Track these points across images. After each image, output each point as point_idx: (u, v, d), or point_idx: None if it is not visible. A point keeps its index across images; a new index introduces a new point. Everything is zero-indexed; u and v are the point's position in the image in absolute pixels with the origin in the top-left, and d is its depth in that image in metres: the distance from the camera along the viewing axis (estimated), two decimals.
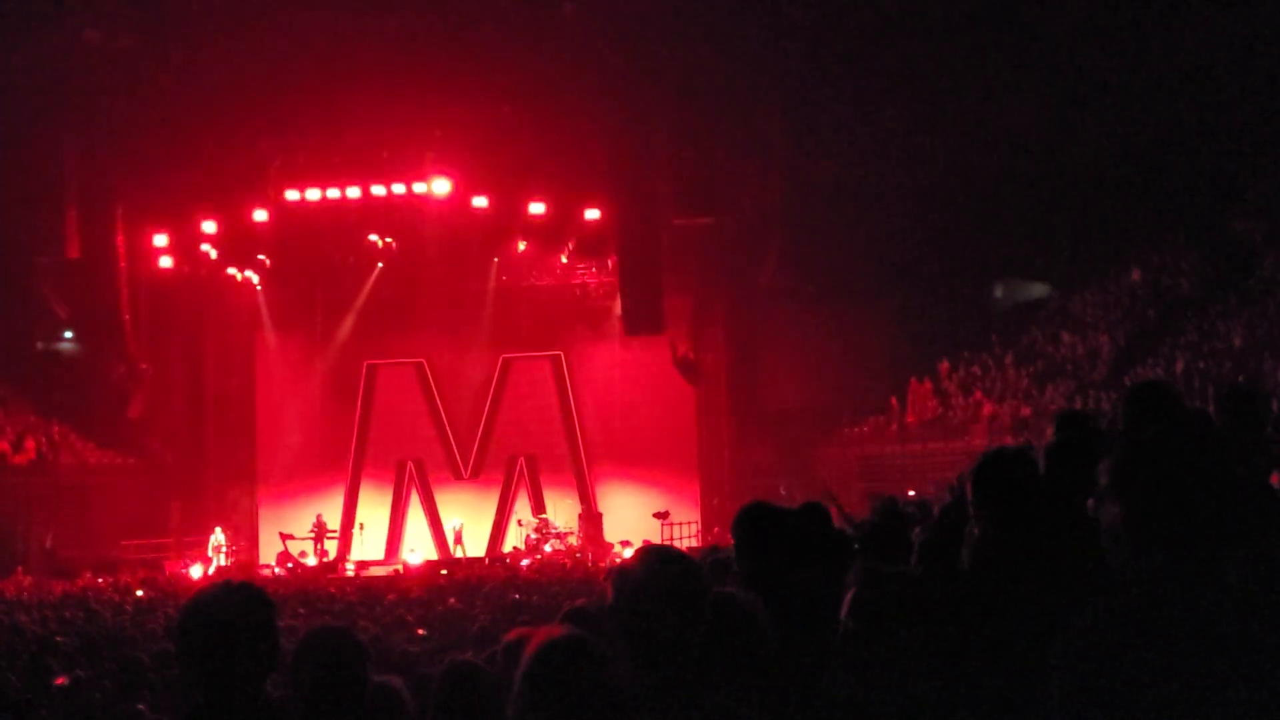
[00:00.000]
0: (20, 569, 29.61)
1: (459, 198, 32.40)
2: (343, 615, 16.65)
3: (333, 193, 32.57)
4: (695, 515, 33.51)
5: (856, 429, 33.75)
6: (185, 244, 33.19)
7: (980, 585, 4.51)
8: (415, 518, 35.85)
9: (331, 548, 33.75)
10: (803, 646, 4.57)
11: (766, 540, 5.43)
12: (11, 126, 31.16)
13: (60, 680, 10.69)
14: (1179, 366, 27.67)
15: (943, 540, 6.03)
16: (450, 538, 34.19)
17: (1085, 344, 31.93)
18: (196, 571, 30.67)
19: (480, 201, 32.38)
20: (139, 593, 24.22)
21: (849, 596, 4.38)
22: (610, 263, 33.54)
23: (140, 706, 9.40)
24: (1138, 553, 2.98)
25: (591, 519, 33.70)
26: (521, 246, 33.94)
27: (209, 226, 32.70)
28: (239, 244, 33.57)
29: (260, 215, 32.52)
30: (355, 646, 4.46)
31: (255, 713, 3.87)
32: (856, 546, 7.22)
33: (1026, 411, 30.32)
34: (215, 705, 3.85)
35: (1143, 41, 29.56)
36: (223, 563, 32.43)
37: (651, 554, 3.90)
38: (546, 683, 3.36)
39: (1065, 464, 5.46)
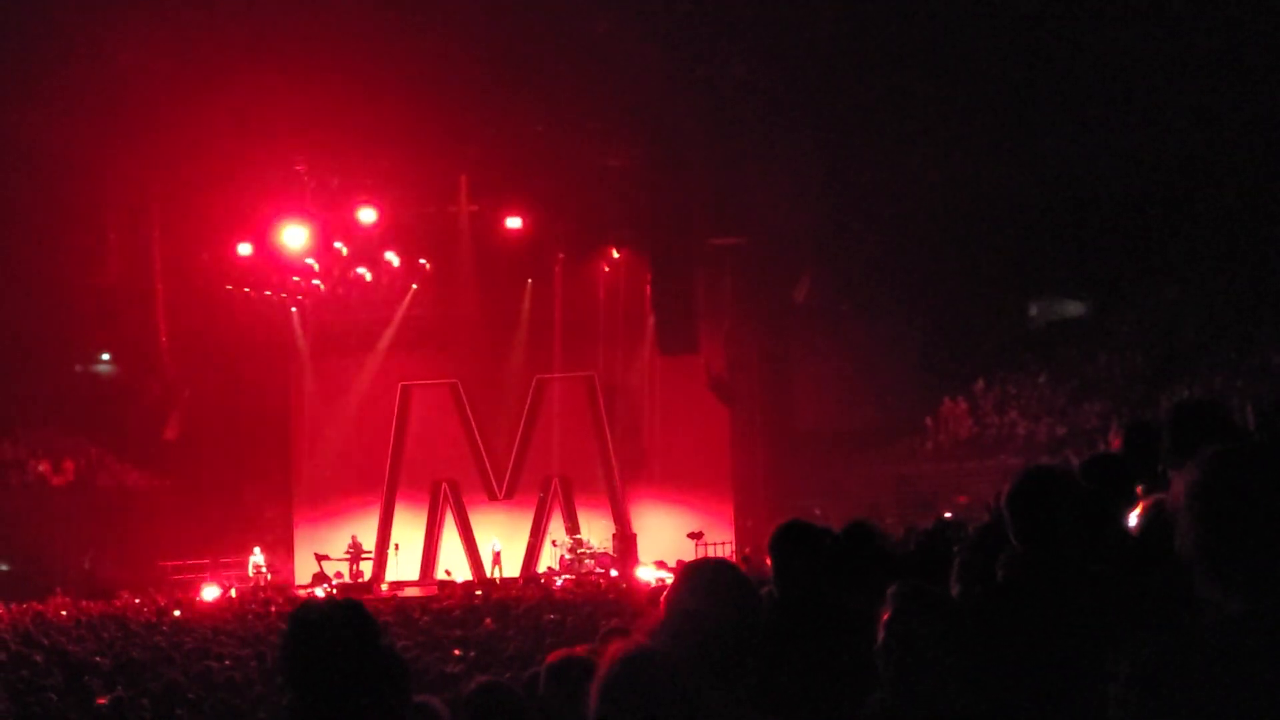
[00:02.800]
0: (59, 589, 29.77)
1: (493, 219, 32.55)
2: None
3: (367, 214, 32.74)
4: (729, 536, 33.45)
5: (891, 448, 33.65)
6: (221, 266, 33.41)
7: (1016, 604, 4.50)
8: (450, 538, 35.90)
9: (367, 568, 33.84)
10: (843, 667, 4.57)
11: (803, 559, 5.43)
12: (50, 150, 31.40)
13: (101, 700, 10.77)
14: (1216, 385, 27.50)
15: (981, 560, 6.01)
16: (488, 559, 34.21)
17: (1121, 362, 31.79)
18: (210, 593, 30.53)
19: (514, 223, 32.51)
20: (176, 613, 24.34)
21: (884, 618, 4.38)
22: (645, 284, 33.55)
23: None
24: (1214, 579, 2.87)
25: (625, 539, 33.66)
26: (560, 257, 33.88)
27: (245, 249, 32.90)
28: (275, 266, 33.75)
29: (296, 238, 32.68)
30: (397, 666, 4.50)
31: None
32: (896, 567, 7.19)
33: (1062, 431, 30.21)
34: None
35: (1181, 57, 29.45)
36: (261, 583, 32.60)
37: (701, 570, 3.90)
38: (626, 697, 3.37)
39: (1109, 477, 5.43)
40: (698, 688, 3.45)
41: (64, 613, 24.63)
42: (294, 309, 36.29)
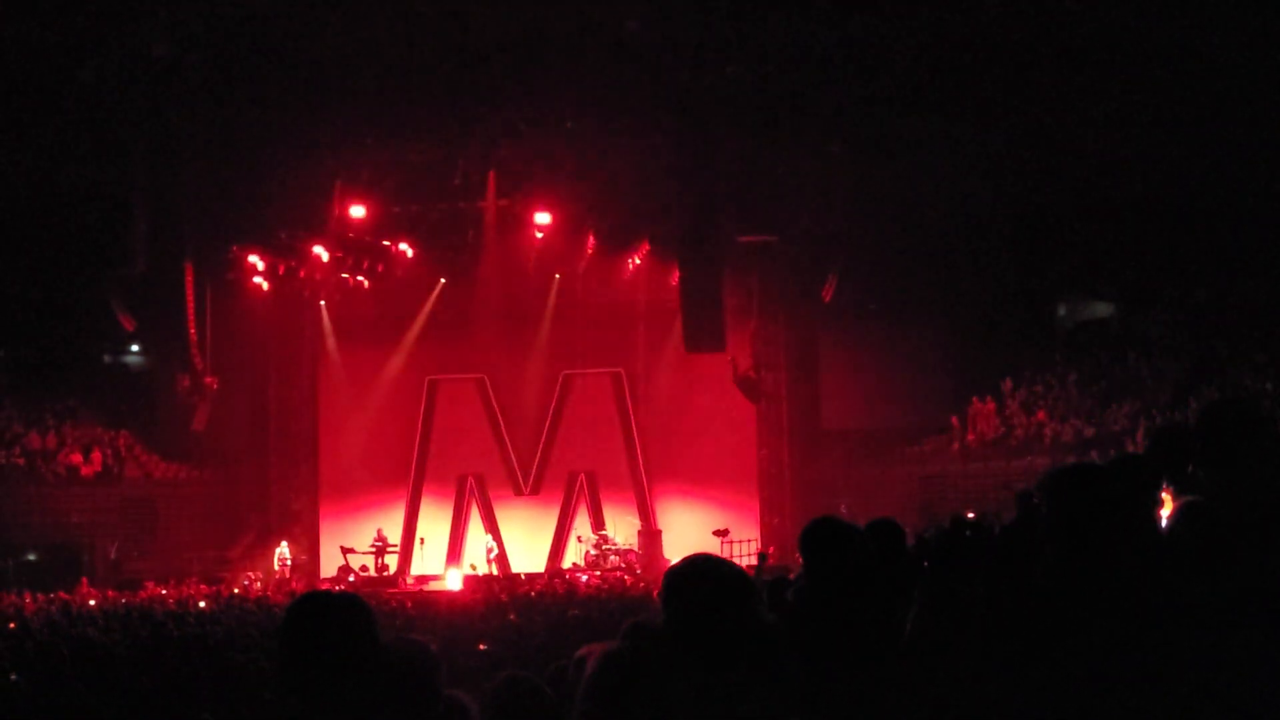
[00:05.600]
0: (85, 580, 29.93)
1: (522, 214, 32.60)
2: (403, 629, 16.74)
3: (396, 209, 32.82)
4: (755, 533, 33.37)
5: (917, 448, 33.53)
6: (250, 259, 33.53)
7: (1050, 603, 4.47)
8: (475, 533, 35.94)
9: (392, 562, 33.91)
10: (871, 663, 4.56)
11: (834, 556, 5.41)
12: (81, 140, 31.54)
13: (128, 691, 10.79)
14: (1246, 388, 27.34)
15: (1008, 559, 5.99)
16: (482, 557, 34.24)
17: (1150, 364, 31.64)
18: (237, 585, 30.76)
19: (543, 218, 32.56)
20: (201, 604, 24.42)
21: (912, 614, 4.36)
22: (672, 280, 33.53)
23: (206, 716, 9.50)
24: None
25: (651, 536, 33.66)
26: (587, 253, 33.87)
27: (274, 240, 32.99)
28: (303, 259, 33.85)
29: (324, 230, 32.78)
30: (430, 659, 4.51)
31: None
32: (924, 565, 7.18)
33: (1090, 432, 30.08)
34: (313, 711, 3.88)
35: (1211, 57, 29.28)
36: (286, 576, 32.77)
37: (694, 564, 3.90)
38: (604, 696, 3.37)
39: (1133, 478, 5.41)
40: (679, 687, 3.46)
41: (92, 602, 24.75)
42: (322, 302, 36.39)
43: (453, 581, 32.57)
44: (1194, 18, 28.56)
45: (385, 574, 33.12)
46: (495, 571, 33.30)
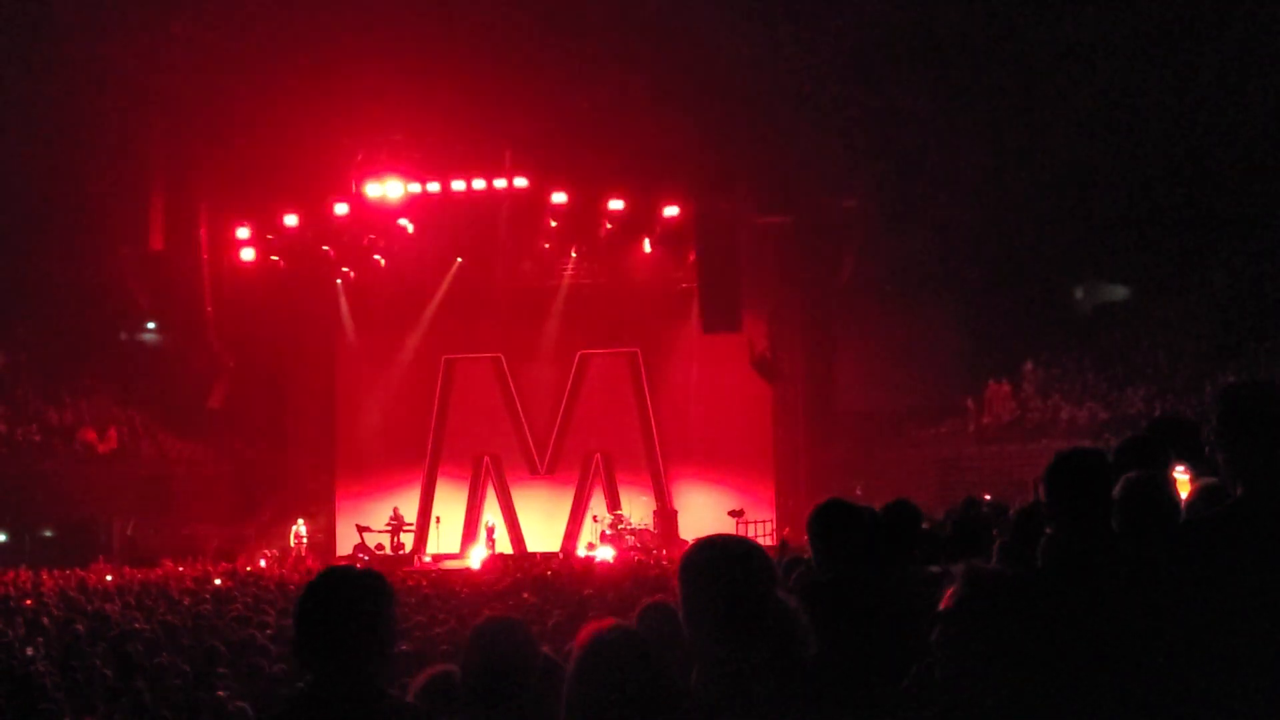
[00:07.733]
0: (101, 557, 30.00)
1: (538, 193, 32.56)
2: (419, 608, 16.76)
3: (413, 187, 32.84)
4: (770, 514, 33.40)
5: (933, 430, 33.50)
6: (266, 237, 33.55)
7: (1052, 585, 4.48)
8: (492, 512, 35.97)
9: (408, 541, 33.97)
10: (881, 644, 4.56)
11: (843, 538, 5.41)
12: (98, 118, 31.57)
13: (144, 666, 10.80)
14: (1261, 372, 27.24)
15: (1022, 543, 6.00)
16: (483, 536, 34.28)
17: (1167, 348, 31.55)
18: (252, 562, 30.85)
19: (559, 197, 32.53)
20: (217, 581, 24.48)
21: (949, 592, 4.35)
22: (689, 261, 33.51)
23: (220, 693, 9.52)
24: None
25: (666, 516, 33.66)
26: (604, 233, 33.84)
27: (290, 220, 33.02)
28: (320, 238, 33.87)
29: (341, 209, 32.81)
30: (527, 638, 4.56)
31: (365, 699, 3.91)
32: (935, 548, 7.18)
33: (1105, 415, 30.02)
34: (325, 690, 3.90)
35: (1230, 37, 29.15)
36: (302, 554, 32.83)
37: (707, 545, 3.87)
38: (593, 675, 3.37)
39: (1143, 462, 5.41)
40: (672, 668, 3.45)
41: (108, 578, 24.83)
42: (339, 280, 36.41)
43: (473, 561, 32.63)
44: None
45: (401, 553, 33.18)
46: (494, 549, 33.36)
